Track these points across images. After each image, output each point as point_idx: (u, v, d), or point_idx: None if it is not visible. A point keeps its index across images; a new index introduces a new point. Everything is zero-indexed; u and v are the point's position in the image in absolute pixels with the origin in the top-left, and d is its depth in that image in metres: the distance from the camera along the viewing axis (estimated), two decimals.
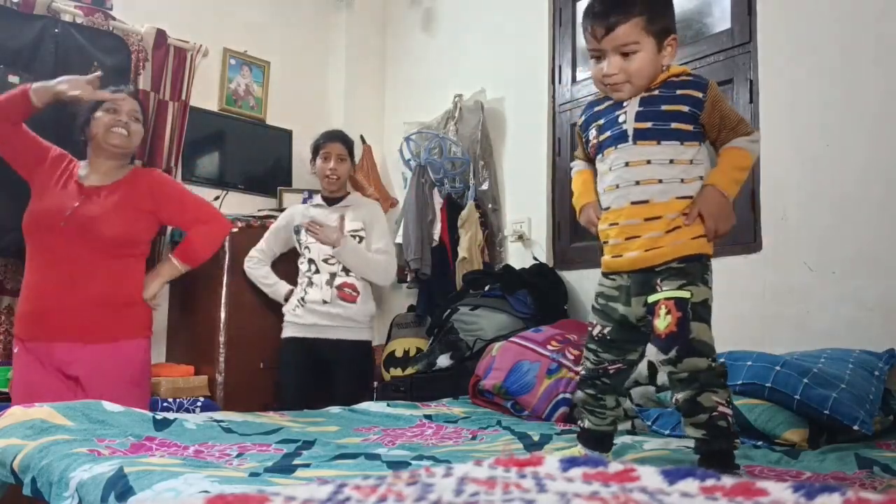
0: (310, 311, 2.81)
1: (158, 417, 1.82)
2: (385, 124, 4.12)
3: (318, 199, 3.00)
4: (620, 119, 1.46)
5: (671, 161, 1.40)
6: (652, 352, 1.40)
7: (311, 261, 2.85)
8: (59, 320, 2.19)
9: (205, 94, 3.51)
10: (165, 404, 2.64)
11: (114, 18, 3.15)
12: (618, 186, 1.44)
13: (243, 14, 3.73)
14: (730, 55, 2.62)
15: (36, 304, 2.21)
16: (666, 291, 1.35)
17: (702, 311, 1.33)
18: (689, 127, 1.41)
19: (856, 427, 1.69)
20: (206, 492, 1.07)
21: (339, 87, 4.04)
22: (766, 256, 2.44)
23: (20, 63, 2.81)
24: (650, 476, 0.59)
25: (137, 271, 2.37)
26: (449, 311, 2.95)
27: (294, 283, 2.94)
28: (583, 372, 1.53)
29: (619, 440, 1.82)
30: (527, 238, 3.25)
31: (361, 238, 2.88)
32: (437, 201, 3.43)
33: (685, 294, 1.33)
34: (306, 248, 2.87)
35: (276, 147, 3.78)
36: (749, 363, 1.88)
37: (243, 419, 2.02)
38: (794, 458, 1.58)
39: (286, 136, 3.82)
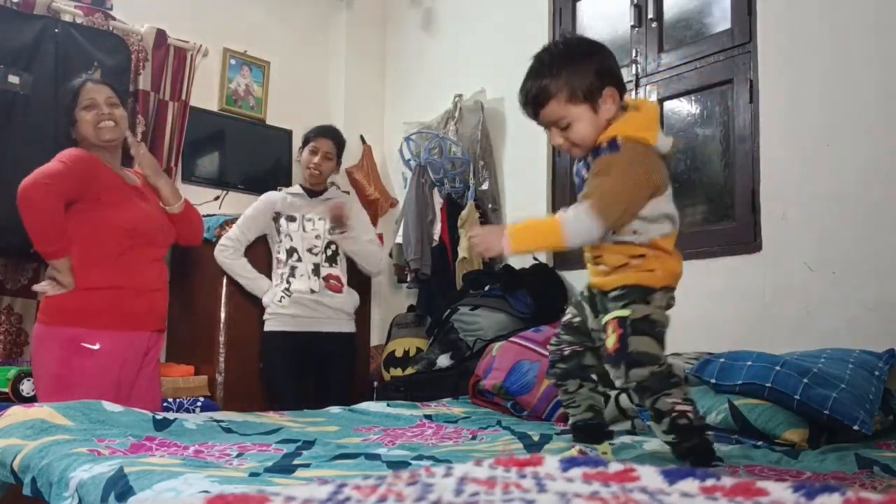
0: (297, 303, 2.78)
1: (158, 417, 1.82)
2: (385, 124, 4.12)
3: (296, 188, 2.98)
4: (579, 169, 1.55)
5: None
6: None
7: (292, 250, 2.82)
8: (158, 312, 2.35)
9: (205, 94, 3.52)
10: (165, 404, 2.64)
11: (114, 18, 3.15)
12: None
13: (243, 14, 3.73)
14: (730, 55, 2.62)
15: (146, 297, 2.28)
16: (612, 312, 1.45)
17: (642, 325, 1.39)
18: None
19: (856, 427, 1.69)
20: (206, 492, 1.07)
21: (339, 87, 4.04)
22: (766, 256, 2.44)
23: (20, 63, 2.81)
24: (650, 476, 0.59)
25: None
26: (449, 311, 2.95)
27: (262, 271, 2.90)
28: (549, 358, 1.62)
29: (618, 440, 1.82)
30: None
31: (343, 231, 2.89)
32: (437, 201, 3.43)
33: (625, 312, 1.41)
34: (287, 236, 2.83)
35: (276, 147, 3.78)
36: (749, 363, 1.88)
37: (243, 419, 2.02)
38: (794, 458, 1.58)
39: (286, 136, 3.82)
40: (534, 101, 1.47)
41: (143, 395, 2.25)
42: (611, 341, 1.43)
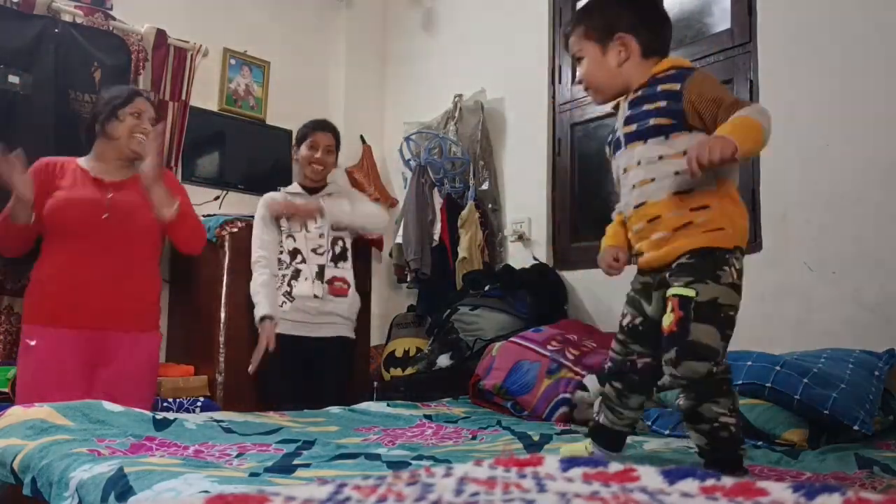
0: (298, 309, 2.68)
1: (158, 417, 1.82)
2: (385, 124, 4.12)
3: (294, 187, 2.89)
4: (616, 127, 1.48)
5: (660, 157, 1.36)
6: None
7: (296, 251, 2.72)
8: (104, 309, 2.26)
9: (205, 94, 3.51)
10: (165, 404, 2.64)
11: (114, 18, 3.15)
12: (622, 196, 1.46)
13: (243, 14, 3.73)
14: (730, 55, 2.62)
15: (80, 292, 2.23)
16: (674, 287, 1.31)
17: (707, 311, 1.26)
18: (669, 121, 1.36)
19: (856, 427, 1.69)
20: (206, 492, 1.07)
21: (339, 87, 4.04)
22: (766, 256, 2.44)
23: (20, 63, 2.81)
24: (650, 476, 0.59)
25: (156, 267, 2.48)
26: (449, 311, 2.95)
27: None
28: (609, 364, 1.48)
29: None
30: (527, 238, 3.25)
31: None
32: (437, 201, 3.43)
33: (689, 292, 1.27)
34: (290, 237, 2.73)
35: (276, 147, 3.77)
36: (749, 363, 1.88)
37: (243, 419, 2.02)
38: (794, 458, 1.58)
39: (286, 136, 3.81)
40: (566, 34, 1.55)
41: (109, 397, 2.04)
42: (668, 320, 1.28)
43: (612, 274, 1.52)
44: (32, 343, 2.21)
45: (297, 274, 2.71)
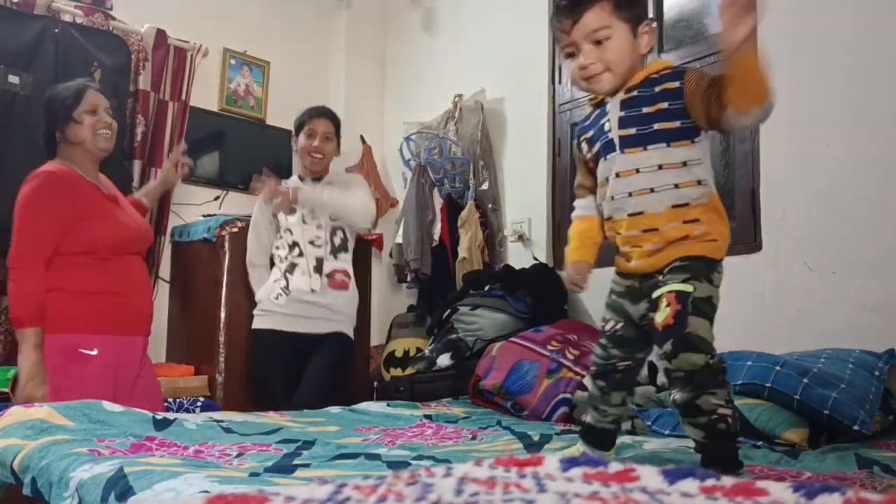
0: (295, 301, 2.62)
1: (158, 417, 1.82)
2: (385, 124, 4.12)
3: (294, 180, 2.81)
4: (606, 127, 1.42)
5: (660, 167, 1.34)
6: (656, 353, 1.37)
7: (294, 244, 2.66)
8: (148, 316, 2.38)
9: (205, 94, 3.51)
10: (165, 404, 2.64)
11: (114, 18, 3.15)
12: (613, 198, 1.42)
13: (243, 14, 3.73)
14: None
15: (136, 301, 2.31)
16: (669, 285, 1.31)
17: (703, 307, 1.26)
18: (675, 124, 1.33)
19: (856, 427, 1.69)
20: (206, 492, 1.07)
21: (339, 87, 4.04)
22: (766, 256, 2.44)
23: (20, 63, 2.81)
24: (650, 476, 0.59)
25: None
26: (449, 311, 2.95)
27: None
28: (593, 367, 1.50)
29: (618, 440, 1.82)
30: (527, 238, 3.25)
31: None
32: (437, 201, 3.43)
33: (688, 287, 1.27)
34: (287, 230, 2.68)
35: (276, 147, 3.77)
36: (749, 363, 1.88)
37: (243, 419, 2.02)
38: (794, 458, 1.58)
39: (286, 136, 3.80)
40: (578, 2, 1.35)
41: (143, 402, 2.20)
42: (662, 315, 1.27)
43: (576, 291, 1.52)
44: (94, 352, 2.14)
45: (292, 268, 2.66)
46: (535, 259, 3.15)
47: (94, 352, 2.14)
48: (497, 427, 2.07)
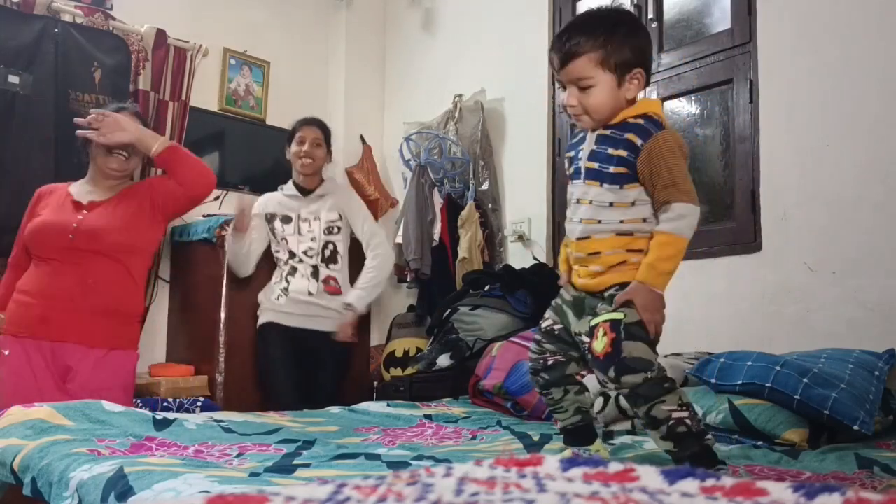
0: (294, 301, 2.76)
1: (158, 417, 1.82)
2: (385, 124, 4.12)
3: (289, 187, 2.91)
4: (580, 154, 1.49)
5: (611, 204, 1.42)
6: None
7: (291, 253, 2.81)
8: (69, 322, 2.26)
9: (205, 94, 3.51)
10: (165, 404, 2.64)
11: (114, 18, 3.15)
12: (570, 219, 1.51)
13: (243, 14, 3.73)
14: (730, 55, 2.62)
15: (46, 305, 2.26)
16: (602, 315, 1.39)
17: (635, 330, 1.34)
18: (625, 170, 1.40)
19: (856, 427, 1.69)
20: (206, 492, 1.07)
21: (339, 87, 4.04)
22: (766, 256, 2.44)
23: (20, 63, 2.81)
24: (650, 476, 0.59)
25: (139, 285, 2.44)
26: (449, 311, 2.95)
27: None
28: (529, 366, 1.57)
29: (619, 440, 1.82)
30: (527, 238, 3.25)
31: (339, 228, 2.85)
32: (437, 201, 3.43)
33: (619, 315, 1.36)
34: (283, 239, 2.82)
35: (276, 147, 3.76)
36: (749, 363, 1.87)
37: (243, 419, 2.02)
38: (794, 458, 1.58)
39: (286, 136, 3.82)
40: (566, 51, 1.42)
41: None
42: (600, 345, 1.36)
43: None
44: (6, 353, 2.25)
45: (293, 271, 2.79)
46: (535, 259, 3.15)
47: (7, 352, 2.25)
48: (497, 427, 2.07)
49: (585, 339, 1.43)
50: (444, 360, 2.82)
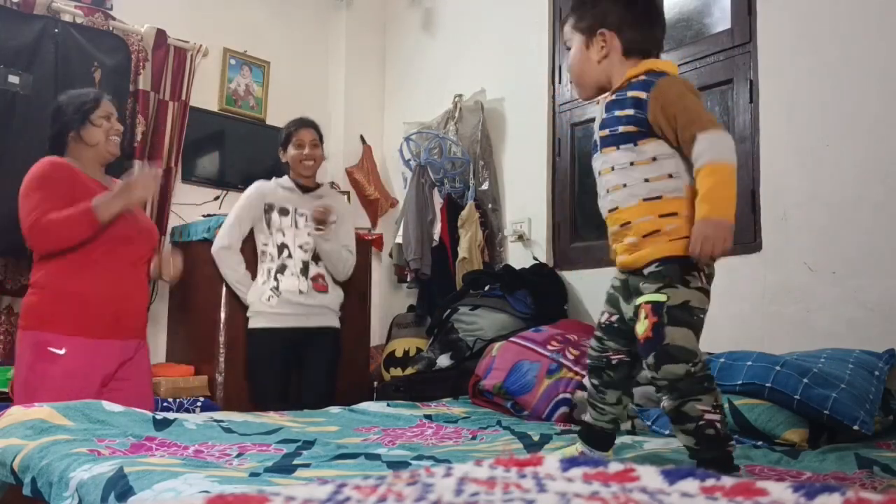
0: (285, 302, 2.72)
1: (158, 417, 1.82)
2: (385, 124, 4.12)
3: (287, 181, 2.88)
4: (594, 129, 1.50)
5: (631, 163, 1.39)
6: None
7: (283, 246, 2.76)
8: (135, 320, 2.35)
9: (205, 94, 3.52)
10: (165, 404, 2.64)
11: (114, 18, 3.16)
12: (600, 196, 1.49)
13: (243, 14, 3.73)
14: (730, 55, 2.62)
15: (118, 307, 2.27)
16: (645, 295, 1.34)
17: (680, 314, 1.30)
18: (636, 129, 1.38)
19: (856, 427, 1.69)
20: (206, 492, 1.07)
21: (339, 87, 4.04)
22: (766, 256, 2.44)
23: (20, 63, 2.81)
24: (650, 476, 0.59)
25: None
26: (449, 311, 2.95)
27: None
28: (589, 361, 1.52)
29: (618, 440, 1.82)
30: (527, 238, 3.25)
31: (332, 228, 2.83)
32: (437, 201, 3.43)
33: (661, 297, 1.31)
34: (279, 231, 2.77)
35: (276, 147, 3.77)
36: (749, 363, 1.88)
37: (243, 419, 2.02)
38: (794, 458, 1.58)
39: (280, 138, 3.82)
40: (563, 20, 1.57)
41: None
42: (642, 328, 1.31)
43: None
44: (61, 352, 2.16)
45: (283, 269, 2.76)
46: (535, 259, 3.15)
47: (62, 351, 2.16)
48: (497, 427, 2.07)
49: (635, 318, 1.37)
50: (444, 360, 2.82)
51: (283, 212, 2.81)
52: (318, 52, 4.06)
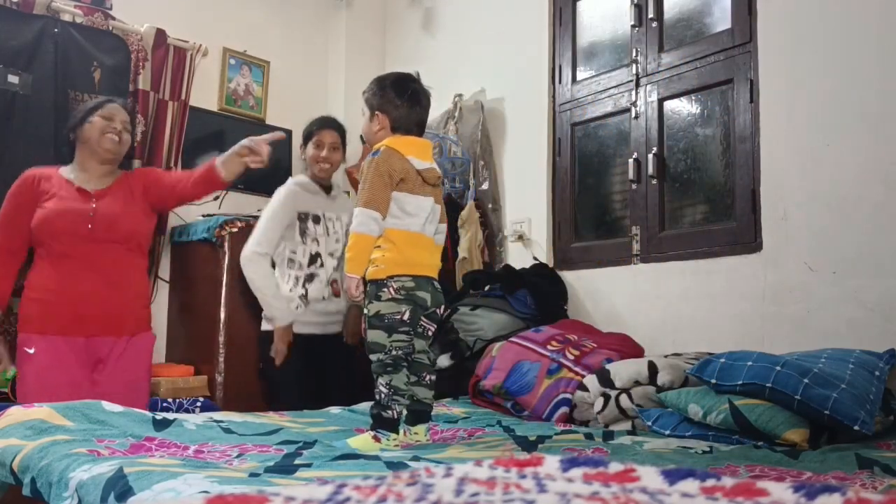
0: (312, 311, 2.68)
1: (158, 418, 1.82)
2: None
3: (309, 182, 2.78)
4: None
5: None
6: None
7: (316, 255, 2.69)
8: (101, 317, 2.32)
9: (204, 94, 3.51)
10: (165, 404, 2.64)
11: (113, 18, 3.15)
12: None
13: (243, 14, 3.73)
14: (730, 55, 2.62)
15: (77, 304, 2.28)
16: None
17: (373, 321, 1.80)
18: None
19: (856, 427, 1.69)
20: (205, 492, 1.07)
21: (339, 87, 4.04)
22: (766, 256, 2.44)
23: (20, 63, 2.81)
24: (650, 476, 0.59)
25: (145, 270, 2.55)
26: (449, 311, 2.95)
27: None
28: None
29: (619, 440, 1.82)
30: (527, 238, 3.25)
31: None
32: None
33: (364, 310, 1.85)
34: (314, 240, 2.69)
35: (276, 147, 3.75)
36: (749, 363, 1.87)
37: (243, 419, 2.02)
38: (795, 458, 1.58)
39: (286, 135, 3.81)
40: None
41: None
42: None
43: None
44: (31, 351, 2.24)
45: (311, 278, 2.69)
46: (535, 259, 3.15)
47: (32, 350, 2.24)
48: (497, 427, 2.07)
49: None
50: (444, 361, 2.82)
51: (316, 219, 2.72)
52: (318, 51, 4.06)
